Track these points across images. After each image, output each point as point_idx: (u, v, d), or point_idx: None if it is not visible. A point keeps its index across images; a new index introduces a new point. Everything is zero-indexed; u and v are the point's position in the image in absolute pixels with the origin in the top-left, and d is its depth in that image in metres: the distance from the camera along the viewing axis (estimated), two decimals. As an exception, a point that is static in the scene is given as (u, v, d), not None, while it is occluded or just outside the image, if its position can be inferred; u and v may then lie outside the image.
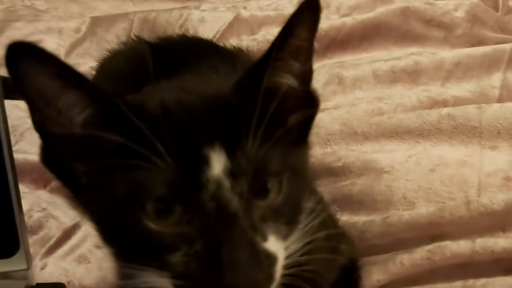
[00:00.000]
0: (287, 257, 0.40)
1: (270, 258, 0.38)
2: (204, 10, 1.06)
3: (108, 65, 0.75)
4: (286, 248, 0.40)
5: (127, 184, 0.38)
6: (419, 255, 0.59)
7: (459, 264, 0.58)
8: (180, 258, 0.37)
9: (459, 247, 0.58)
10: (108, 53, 0.80)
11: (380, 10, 1.04)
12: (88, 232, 0.68)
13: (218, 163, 0.37)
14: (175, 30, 1.03)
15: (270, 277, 0.38)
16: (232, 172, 0.37)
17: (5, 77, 0.42)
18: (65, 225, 0.68)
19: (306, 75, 0.44)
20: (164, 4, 1.26)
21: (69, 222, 0.68)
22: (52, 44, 1.06)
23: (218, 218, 0.37)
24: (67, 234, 0.67)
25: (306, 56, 0.43)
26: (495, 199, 0.59)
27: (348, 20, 1.03)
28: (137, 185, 0.37)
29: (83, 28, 1.10)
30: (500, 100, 0.85)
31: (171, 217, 0.38)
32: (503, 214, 0.58)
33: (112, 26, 1.09)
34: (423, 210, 0.62)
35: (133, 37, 0.77)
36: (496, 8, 1.11)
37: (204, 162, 0.37)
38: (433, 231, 0.60)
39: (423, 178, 0.67)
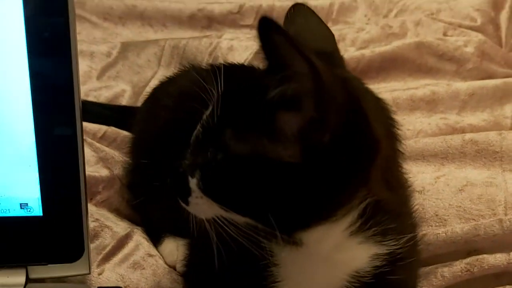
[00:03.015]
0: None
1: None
2: (232, 40, 1.12)
3: (169, 88, 0.80)
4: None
5: None
6: (458, 268, 0.64)
7: (494, 274, 0.63)
8: None
9: (495, 259, 0.63)
10: (165, 78, 0.85)
11: (396, 44, 1.11)
12: (139, 242, 0.71)
13: None
14: (205, 57, 1.08)
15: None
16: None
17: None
18: (118, 234, 0.71)
19: None
20: (184, 31, 1.33)
21: (122, 232, 0.72)
22: (84, 66, 1.11)
23: None
24: (121, 243, 0.70)
25: None
26: (526, 217, 0.65)
27: (367, 52, 1.10)
28: None
29: (114, 52, 1.15)
30: (512, 128, 0.92)
31: None
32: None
33: (143, 51, 1.15)
34: (458, 228, 0.68)
35: (188, 64, 0.82)
36: (500, 45, 1.20)
37: None
38: (468, 247, 0.66)
39: (452, 197, 0.73)
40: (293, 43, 0.41)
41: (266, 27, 0.41)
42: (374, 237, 0.51)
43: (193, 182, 0.50)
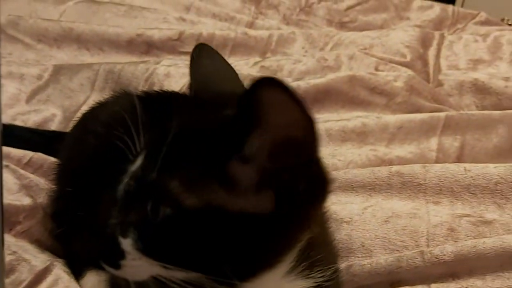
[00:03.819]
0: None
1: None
2: (169, 66, 1.11)
3: (101, 113, 0.77)
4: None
5: None
6: (381, 301, 0.65)
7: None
8: None
9: (417, 291, 0.65)
10: (96, 103, 0.82)
11: (330, 77, 1.14)
12: (59, 276, 0.68)
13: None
14: (141, 83, 1.07)
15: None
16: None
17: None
18: (36, 268, 0.67)
19: None
20: (122, 56, 1.31)
21: (40, 265, 0.68)
22: (12, 89, 1.07)
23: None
24: (39, 277, 0.67)
25: None
26: (446, 250, 0.67)
27: (302, 84, 1.12)
28: None
29: (46, 75, 1.11)
30: (437, 161, 0.96)
31: None
32: (453, 264, 0.66)
33: (76, 75, 1.12)
34: (382, 260, 0.69)
35: (119, 89, 0.80)
36: (428, 81, 1.26)
37: None
38: (392, 278, 0.68)
39: (378, 228, 0.75)
40: (291, 94, 0.40)
41: (265, 82, 0.39)
42: (302, 272, 0.51)
43: (126, 243, 0.45)
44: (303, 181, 0.44)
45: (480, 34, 1.43)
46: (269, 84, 0.40)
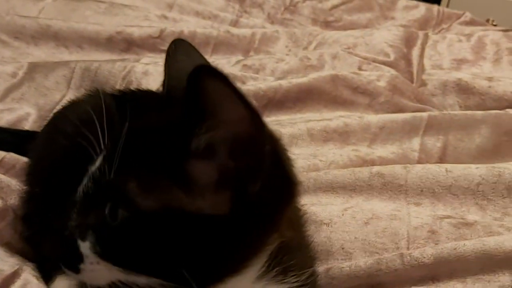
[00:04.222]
0: None
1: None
2: (148, 64, 1.09)
3: (71, 113, 0.75)
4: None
5: None
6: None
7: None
8: None
9: (396, 296, 0.63)
10: (68, 102, 0.80)
11: (313, 76, 1.12)
12: (28, 280, 0.66)
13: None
14: (118, 81, 1.04)
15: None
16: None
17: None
18: (4, 273, 0.65)
19: None
20: (102, 54, 1.28)
21: (8, 270, 0.65)
22: (-15, 87, 1.04)
23: None
24: (6, 282, 0.64)
25: None
26: (425, 253, 0.65)
27: (284, 83, 1.10)
28: None
29: (20, 73, 1.08)
30: (419, 162, 0.94)
31: None
32: (433, 266, 0.64)
33: (52, 73, 1.09)
34: (361, 262, 0.67)
35: (94, 88, 0.78)
36: (411, 81, 1.25)
37: None
38: (371, 281, 0.66)
39: (358, 230, 0.73)
40: (233, 87, 0.39)
41: (202, 72, 0.38)
42: (276, 277, 0.49)
43: (85, 246, 0.44)
44: (260, 181, 0.42)
45: (464, 34, 1.42)
46: (207, 74, 0.38)
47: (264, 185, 0.42)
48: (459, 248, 0.64)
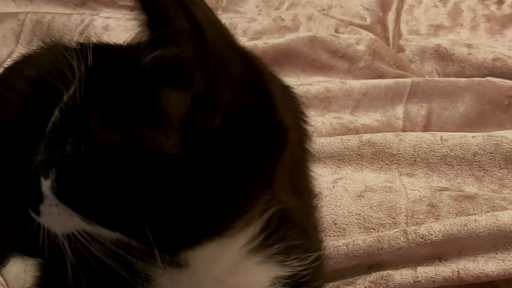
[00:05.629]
0: None
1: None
2: (108, 18, 0.97)
3: (25, 68, 0.65)
4: None
5: None
6: (362, 287, 0.58)
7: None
8: None
9: (402, 276, 0.58)
10: (21, 56, 0.69)
11: (290, 37, 1.05)
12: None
13: None
14: (75, 36, 0.93)
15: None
16: None
17: None
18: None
19: None
20: (53, 8, 1.15)
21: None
22: None
23: None
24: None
25: None
26: (432, 230, 0.60)
27: (260, 44, 1.02)
28: None
29: (-39, 25, 0.95)
30: (404, 130, 0.89)
31: None
32: (440, 244, 0.59)
33: (-2, 25, 0.96)
34: (360, 241, 0.61)
35: (50, 41, 0.67)
36: (388, 46, 1.19)
37: None
38: (371, 261, 0.60)
39: (352, 203, 0.67)
40: None
41: None
42: (276, 256, 0.43)
43: (46, 185, 0.38)
44: (219, 115, 0.34)
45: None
46: None
47: (227, 121, 0.35)
48: (469, 224, 0.59)
